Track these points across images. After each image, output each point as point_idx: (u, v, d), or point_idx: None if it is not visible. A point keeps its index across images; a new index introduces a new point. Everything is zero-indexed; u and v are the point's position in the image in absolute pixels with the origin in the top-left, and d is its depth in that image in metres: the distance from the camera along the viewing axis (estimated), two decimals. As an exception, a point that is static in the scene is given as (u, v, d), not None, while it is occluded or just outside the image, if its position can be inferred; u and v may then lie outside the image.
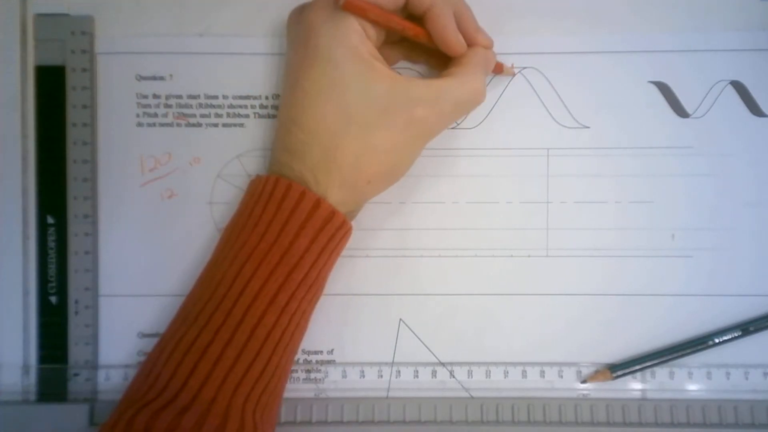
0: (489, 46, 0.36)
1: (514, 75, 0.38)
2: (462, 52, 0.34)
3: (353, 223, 0.35)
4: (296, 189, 0.32)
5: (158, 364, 0.32)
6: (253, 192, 0.33)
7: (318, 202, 0.32)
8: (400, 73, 0.33)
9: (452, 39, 0.34)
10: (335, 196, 0.33)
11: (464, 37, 0.34)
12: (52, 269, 0.38)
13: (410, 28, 0.34)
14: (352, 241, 0.38)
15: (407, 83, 0.32)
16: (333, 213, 0.32)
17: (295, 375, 0.38)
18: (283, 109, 0.34)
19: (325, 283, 0.35)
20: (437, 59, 0.37)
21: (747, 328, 0.38)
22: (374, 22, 0.32)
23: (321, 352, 0.38)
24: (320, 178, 0.32)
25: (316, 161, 0.32)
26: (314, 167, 0.32)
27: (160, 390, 0.31)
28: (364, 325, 0.38)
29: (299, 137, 0.32)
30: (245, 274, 0.32)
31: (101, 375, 0.38)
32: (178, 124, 0.39)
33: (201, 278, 0.34)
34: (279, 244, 0.32)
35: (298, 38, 0.33)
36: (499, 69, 0.38)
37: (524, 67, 0.39)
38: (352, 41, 0.31)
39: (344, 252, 0.38)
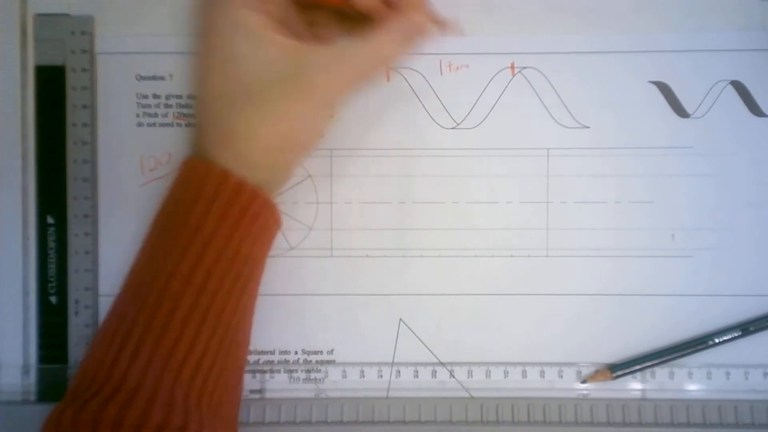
0: (416, 6, 0.33)
1: (463, 34, 0.36)
2: (369, 5, 0.33)
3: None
4: (200, 167, 0.31)
5: (97, 357, 0.31)
6: (172, 177, 0.33)
7: (223, 176, 0.31)
8: (298, 41, 0.32)
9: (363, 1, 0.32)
10: (242, 168, 0.32)
11: None
12: (52, 269, 0.38)
13: None
14: (353, 241, 0.38)
15: (302, 50, 0.31)
16: (241, 185, 0.31)
17: (295, 375, 0.38)
18: (190, 84, 0.34)
19: (253, 259, 0.34)
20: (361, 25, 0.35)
21: (747, 328, 0.38)
22: None
23: (321, 352, 0.38)
24: (221, 153, 0.32)
25: (217, 135, 0.32)
26: (216, 141, 0.32)
27: (101, 382, 0.30)
28: (364, 325, 0.38)
29: (201, 113, 0.32)
30: (157, 256, 0.31)
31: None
32: (178, 124, 0.39)
33: (131, 268, 0.33)
34: (188, 222, 0.31)
35: (194, 17, 0.33)
36: (442, 27, 0.35)
37: (524, 67, 0.39)
38: (240, 13, 0.31)
39: (344, 251, 0.38)
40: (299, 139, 0.33)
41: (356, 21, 0.34)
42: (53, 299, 0.38)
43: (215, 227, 0.31)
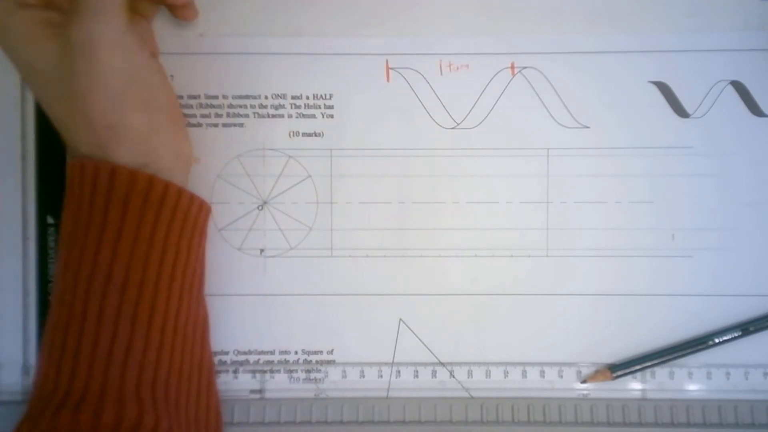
0: None
1: (194, 18, 0.38)
2: None
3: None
4: (74, 165, 0.32)
5: (44, 368, 0.31)
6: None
7: (95, 167, 0.32)
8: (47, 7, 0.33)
9: None
10: (112, 153, 0.32)
11: None
12: (52, 269, 0.38)
13: None
14: (353, 241, 0.38)
15: (47, 13, 0.32)
16: (113, 170, 0.31)
17: (295, 375, 0.38)
18: None
19: (186, 248, 0.34)
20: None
21: (747, 328, 0.38)
22: None
23: (321, 352, 0.38)
24: (81, 143, 0.32)
25: (63, 131, 0.33)
26: (68, 136, 0.33)
27: (50, 392, 0.30)
28: (364, 325, 0.38)
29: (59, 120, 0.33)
30: (72, 263, 0.31)
31: (101, 375, 0.38)
32: (178, 124, 0.39)
33: (56, 277, 0.33)
34: (87, 223, 0.31)
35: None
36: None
37: (524, 67, 0.39)
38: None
39: (344, 251, 0.38)
40: (112, 95, 0.32)
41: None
42: (53, 299, 0.38)
43: (119, 219, 0.31)
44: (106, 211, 0.31)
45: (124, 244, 0.31)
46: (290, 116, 0.39)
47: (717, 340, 0.38)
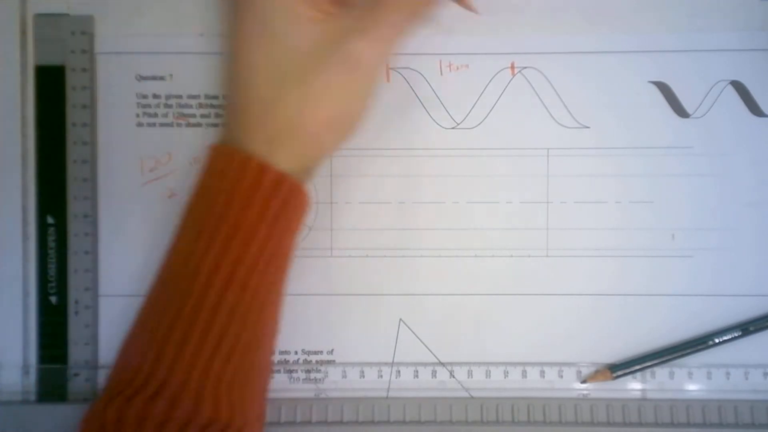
0: None
1: (477, 12, 0.36)
2: None
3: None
4: (238, 156, 0.30)
5: (126, 353, 0.31)
6: (203, 162, 0.32)
7: (262, 168, 0.30)
8: (334, 8, 0.31)
9: None
10: (282, 156, 0.30)
11: None
12: (52, 269, 0.38)
13: None
14: (353, 241, 0.38)
15: (336, 18, 0.30)
16: (281, 177, 0.30)
17: (295, 375, 0.38)
18: (226, 68, 0.33)
19: (290, 252, 0.33)
20: None
21: (747, 328, 0.38)
22: None
23: (321, 352, 0.38)
24: (262, 137, 0.30)
25: (257, 117, 0.31)
26: (256, 124, 0.31)
27: (129, 379, 0.30)
28: (364, 325, 0.38)
29: (239, 92, 0.31)
30: (198, 251, 0.30)
31: (101, 375, 0.38)
32: (178, 124, 0.39)
33: (161, 263, 0.33)
34: (227, 216, 0.30)
35: (228, 3, 0.32)
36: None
37: (524, 67, 0.39)
38: None
39: (344, 251, 0.38)
40: (347, 119, 0.32)
41: None
42: (53, 299, 0.38)
43: (256, 222, 0.30)
44: (258, 215, 0.30)
45: (253, 248, 0.30)
46: (290, 116, 0.39)
47: (717, 340, 0.38)
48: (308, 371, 0.38)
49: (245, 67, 0.31)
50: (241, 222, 0.30)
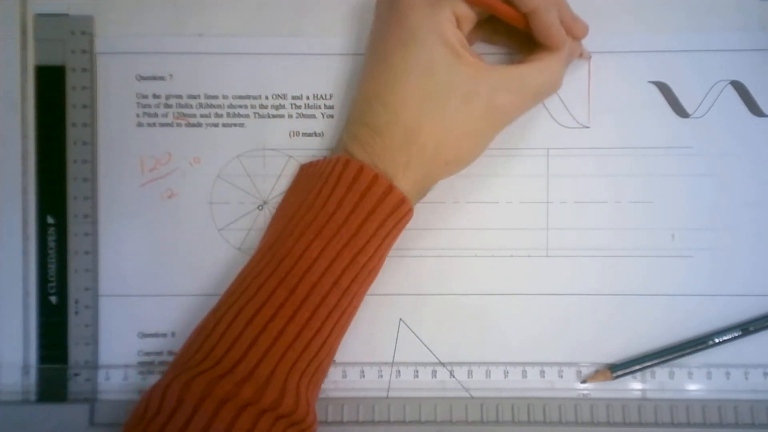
0: (582, 35, 0.36)
1: (590, 58, 0.38)
2: (562, 46, 0.34)
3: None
4: (368, 172, 0.32)
5: (214, 334, 0.32)
6: (321, 172, 0.34)
7: (389, 188, 0.32)
8: (483, 60, 0.33)
9: (556, 35, 0.34)
10: (407, 179, 0.33)
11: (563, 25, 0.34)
12: (52, 269, 0.38)
13: (513, 17, 0.33)
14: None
15: (490, 70, 0.33)
16: (402, 200, 0.33)
17: (295, 375, 0.38)
18: (365, 84, 0.34)
19: (380, 267, 0.35)
20: (517, 41, 0.37)
21: (747, 328, 0.38)
22: (479, 5, 0.33)
23: (321, 352, 0.38)
24: (398, 159, 0.33)
25: (398, 141, 0.33)
26: (394, 146, 0.33)
27: (216, 359, 0.31)
28: (364, 325, 0.38)
29: (382, 115, 0.33)
30: (312, 252, 0.32)
31: (101, 375, 0.38)
32: (178, 124, 0.39)
33: (261, 253, 0.34)
34: (348, 226, 0.32)
35: (391, 15, 0.34)
36: (580, 54, 0.38)
37: (524, 67, 0.39)
38: (445, 28, 0.32)
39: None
40: (472, 156, 0.35)
41: (497, 30, 0.37)
42: (53, 299, 0.38)
43: (371, 236, 0.33)
44: (375, 231, 0.33)
45: (361, 258, 0.33)
46: (290, 116, 0.39)
47: (717, 340, 0.38)
48: (308, 371, 0.38)
49: (398, 93, 0.33)
50: (360, 233, 0.32)
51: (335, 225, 0.32)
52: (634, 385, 0.38)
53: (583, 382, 0.38)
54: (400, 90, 0.33)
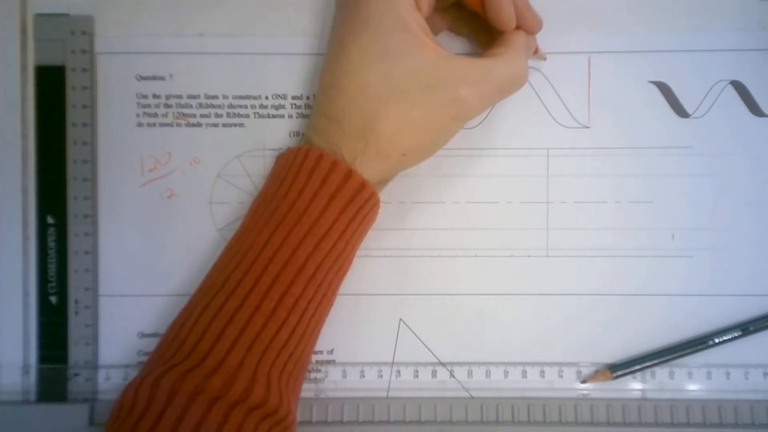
0: (534, 28, 0.35)
1: (545, 59, 0.38)
2: (511, 27, 0.34)
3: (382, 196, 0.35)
4: (327, 159, 0.32)
5: (184, 328, 0.32)
6: (284, 163, 0.34)
7: (349, 173, 0.32)
8: (445, 49, 0.33)
9: (505, 12, 0.33)
10: (368, 166, 0.33)
11: (515, 11, 0.34)
12: (52, 269, 0.38)
13: None
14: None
15: (453, 61, 0.32)
16: (363, 184, 0.33)
17: (295, 375, 0.38)
18: (325, 75, 0.34)
19: (352, 256, 0.35)
20: (481, 35, 0.37)
21: (747, 328, 0.38)
22: None
23: (321, 352, 0.38)
24: (356, 146, 0.32)
25: (355, 129, 0.32)
26: (352, 135, 0.32)
27: (186, 353, 0.31)
28: (364, 325, 0.38)
29: (340, 103, 0.33)
30: (274, 241, 0.32)
31: (101, 375, 0.38)
32: (178, 124, 0.39)
33: (229, 246, 0.34)
34: (309, 213, 0.32)
35: (348, 4, 0.33)
36: (535, 51, 0.37)
37: (524, 67, 0.39)
38: (402, 12, 0.32)
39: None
40: (433, 147, 0.35)
41: (461, 19, 0.36)
42: (53, 299, 0.38)
43: (333, 222, 0.32)
44: (336, 216, 0.32)
45: (311, 239, 0.32)
46: (290, 116, 0.39)
47: (717, 340, 0.38)
48: (308, 371, 0.38)
49: (354, 81, 0.32)
50: (321, 220, 0.32)
51: (296, 213, 0.32)
52: (634, 385, 0.38)
53: (583, 382, 0.38)
54: (357, 78, 0.32)
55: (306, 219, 0.32)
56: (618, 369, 0.37)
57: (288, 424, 0.32)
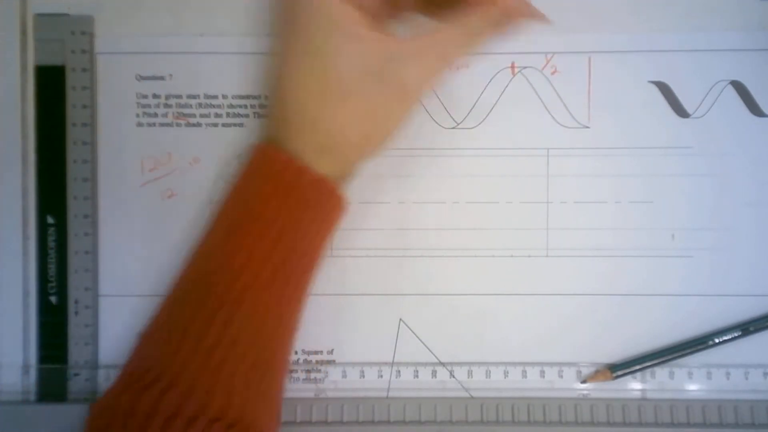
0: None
1: (549, 23, 0.34)
2: None
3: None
4: (279, 157, 0.31)
5: (144, 345, 0.32)
6: (240, 165, 0.33)
7: (301, 170, 0.31)
8: (386, 33, 0.32)
9: None
10: (322, 162, 0.32)
11: None
12: (52, 269, 0.38)
13: None
14: (352, 241, 0.38)
15: (390, 43, 0.31)
16: (319, 180, 0.32)
17: (295, 375, 0.38)
18: (271, 78, 0.34)
19: (319, 255, 0.34)
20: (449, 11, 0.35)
21: (747, 328, 0.38)
22: None
23: (321, 352, 0.38)
24: (301, 146, 0.32)
25: (304, 127, 0.32)
26: (296, 134, 0.32)
27: (145, 371, 0.30)
28: (364, 325, 0.38)
29: (279, 105, 0.32)
30: (228, 248, 0.31)
31: (101, 375, 0.38)
32: (178, 124, 0.39)
33: (190, 253, 0.33)
34: (260, 214, 0.31)
35: (283, 9, 0.33)
36: (530, 14, 0.34)
37: (524, 67, 0.39)
38: (332, 11, 0.31)
39: (344, 251, 0.38)
40: (382, 134, 0.33)
41: (438, 4, 0.34)
42: (53, 299, 0.38)
43: (292, 221, 0.31)
44: (291, 214, 0.31)
45: (265, 241, 0.31)
46: (290, 116, 0.39)
47: (717, 340, 0.38)
48: (308, 371, 0.38)
49: (289, 80, 0.32)
50: (277, 221, 0.31)
51: (248, 215, 0.31)
52: (634, 385, 0.38)
53: (583, 382, 0.38)
54: (291, 79, 0.32)
55: (258, 221, 0.31)
56: (618, 369, 0.37)
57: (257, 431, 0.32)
